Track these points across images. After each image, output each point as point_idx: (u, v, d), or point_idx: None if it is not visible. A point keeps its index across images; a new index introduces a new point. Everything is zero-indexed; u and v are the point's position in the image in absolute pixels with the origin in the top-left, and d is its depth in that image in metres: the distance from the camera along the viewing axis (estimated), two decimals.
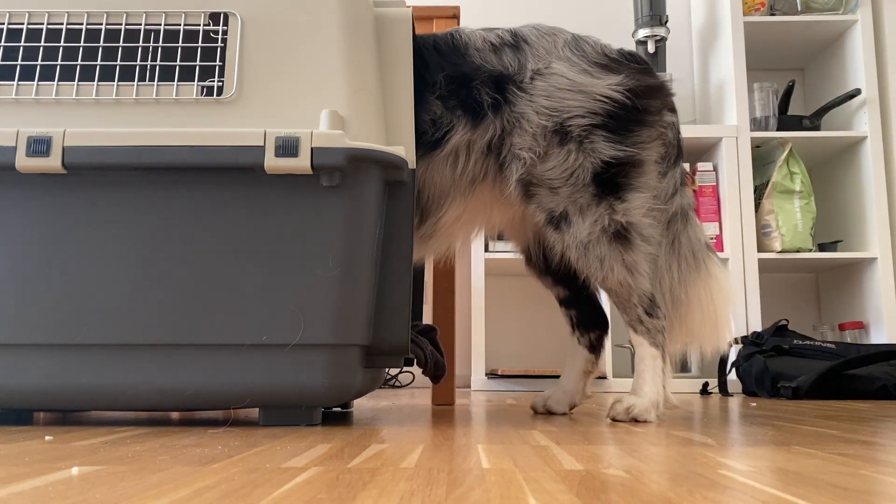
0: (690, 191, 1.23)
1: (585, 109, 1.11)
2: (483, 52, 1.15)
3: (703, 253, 1.19)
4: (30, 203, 0.98)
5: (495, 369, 2.47)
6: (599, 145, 1.10)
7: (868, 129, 2.38)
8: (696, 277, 1.17)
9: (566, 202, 1.11)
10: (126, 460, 0.64)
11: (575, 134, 1.10)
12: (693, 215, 1.21)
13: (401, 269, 1.05)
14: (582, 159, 1.10)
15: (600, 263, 1.10)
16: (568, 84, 1.12)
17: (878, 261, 2.32)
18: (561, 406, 1.26)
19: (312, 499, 0.46)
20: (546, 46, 1.15)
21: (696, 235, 1.19)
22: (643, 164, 1.12)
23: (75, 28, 1.05)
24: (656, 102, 1.15)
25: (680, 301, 1.17)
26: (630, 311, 1.12)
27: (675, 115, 1.21)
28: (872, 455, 0.69)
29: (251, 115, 1.01)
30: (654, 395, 1.08)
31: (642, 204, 1.12)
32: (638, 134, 1.12)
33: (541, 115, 1.11)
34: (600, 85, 1.11)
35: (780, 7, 2.52)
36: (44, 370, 0.96)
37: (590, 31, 2.91)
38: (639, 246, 1.11)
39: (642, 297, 1.11)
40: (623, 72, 1.13)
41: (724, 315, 1.16)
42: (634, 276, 1.11)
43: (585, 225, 1.10)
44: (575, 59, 1.14)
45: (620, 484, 0.52)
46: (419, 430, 0.93)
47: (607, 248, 1.10)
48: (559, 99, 1.11)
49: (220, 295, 0.97)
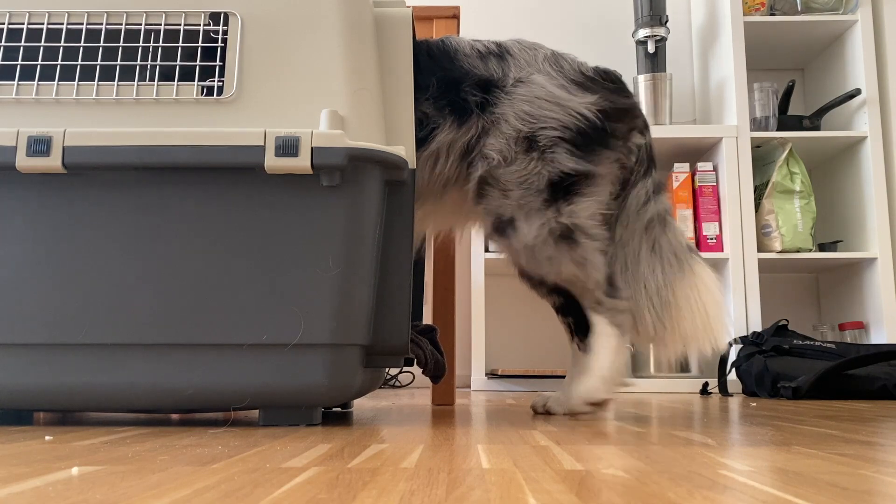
0: (667, 198, 1.25)
1: (559, 122, 1.13)
2: (471, 58, 1.19)
3: (686, 254, 1.19)
4: (30, 203, 0.98)
5: (495, 369, 2.47)
6: (561, 157, 1.13)
7: (868, 129, 2.38)
8: (682, 278, 1.17)
9: (514, 207, 1.13)
10: (126, 460, 0.64)
11: (542, 144, 1.13)
12: (671, 220, 1.22)
13: (401, 270, 1.05)
14: (540, 167, 1.13)
15: (550, 262, 1.13)
16: (546, 95, 1.15)
17: (878, 261, 2.32)
18: (562, 407, 1.26)
19: (312, 499, 0.46)
20: (527, 59, 1.19)
21: (675, 238, 1.20)
22: (596, 177, 1.15)
23: (75, 28, 1.05)
24: (624, 127, 1.18)
25: (669, 303, 1.16)
26: (588, 296, 1.14)
27: (647, 135, 1.24)
28: (872, 455, 0.69)
29: (251, 114, 1.01)
30: (605, 372, 1.11)
31: (588, 208, 1.14)
32: (599, 153, 1.15)
33: (520, 120, 1.14)
34: (575, 101, 1.15)
35: (780, 7, 2.52)
36: (44, 370, 0.96)
37: (590, 31, 2.93)
38: (585, 243, 1.13)
39: (599, 283, 1.13)
40: (598, 92, 1.17)
41: (716, 313, 1.16)
42: (586, 269, 1.13)
43: (532, 228, 1.12)
44: (553, 74, 1.17)
45: (620, 484, 0.52)
46: (419, 430, 0.93)
47: (554, 248, 1.12)
48: (538, 107, 1.14)
49: (220, 295, 0.97)
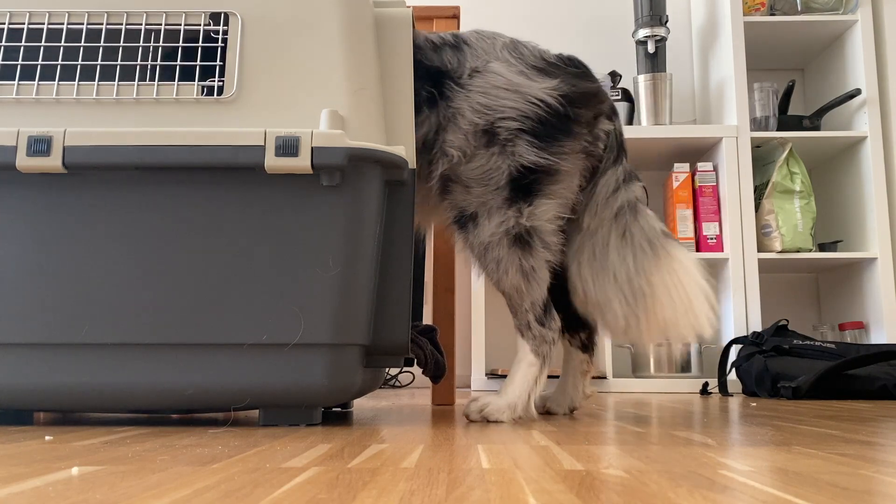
0: (639, 186, 1.19)
1: (518, 111, 1.10)
2: (423, 51, 1.16)
3: (661, 239, 1.13)
4: (30, 203, 0.98)
5: (495, 369, 2.47)
6: (522, 149, 1.09)
7: (868, 129, 2.38)
8: (657, 264, 1.11)
9: (477, 203, 1.11)
10: (126, 460, 0.64)
11: (502, 136, 1.10)
12: (643, 207, 1.17)
13: (401, 269, 1.05)
14: (501, 161, 1.10)
15: (497, 265, 1.10)
16: (504, 83, 1.12)
17: (878, 261, 2.32)
18: (561, 407, 1.26)
19: (312, 499, 0.46)
20: (485, 47, 1.16)
21: (649, 224, 1.15)
22: (559, 174, 1.11)
23: (76, 28, 1.05)
24: (589, 112, 1.14)
25: (643, 293, 1.10)
26: (521, 315, 1.11)
27: (615, 120, 1.20)
28: (872, 455, 0.69)
29: (251, 114, 1.01)
30: (513, 398, 1.09)
31: (549, 210, 1.11)
32: (562, 144, 1.11)
33: (476, 113, 1.11)
34: (535, 87, 1.11)
35: (780, 7, 2.52)
36: (44, 370, 0.96)
37: (590, 32, 2.93)
38: (539, 252, 1.10)
39: (535, 304, 1.10)
40: (559, 76, 1.13)
41: (698, 297, 1.09)
42: (530, 282, 1.10)
43: (490, 226, 1.10)
44: (513, 61, 1.14)
45: (620, 484, 0.52)
46: (419, 430, 0.93)
47: (506, 251, 1.10)
48: (494, 97, 1.11)
49: (221, 294, 0.97)
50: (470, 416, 1.09)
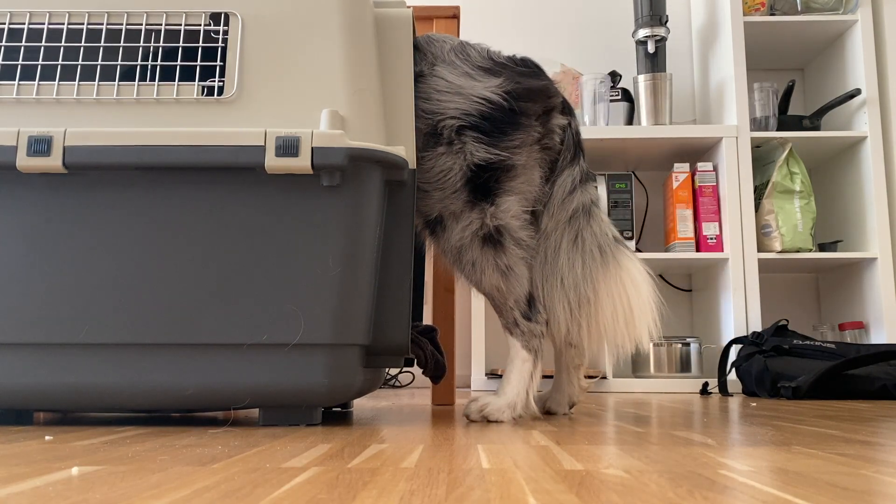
0: (595, 188, 1.19)
1: (461, 111, 1.10)
2: None
3: (612, 247, 1.13)
4: (30, 203, 0.98)
5: (495, 369, 2.47)
6: (471, 146, 1.09)
7: (868, 129, 2.38)
8: (605, 272, 1.11)
9: (439, 206, 1.11)
10: (126, 460, 0.64)
11: (446, 135, 1.10)
12: (597, 211, 1.17)
13: (401, 269, 1.05)
14: (451, 162, 1.10)
15: (473, 267, 1.10)
16: (446, 86, 1.12)
17: (878, 261, 2.32)
18: (561, 406, 1.26)
19: (312, 499, 0.46)
20: (433, 52, 1.16)
21: (601, 230, 1.15)
22: (515, 169, 1.11)
23: (76, 28, 1.05)
24: (537, 106, 1.14)
25: (587, 300, 1.10)
26: (506, 314, 1.11)
27: (570, 116, 1.19)
28: (872, 455, 0.69)
29: (252, 114, 1.01)
30: (512, 397, 1.09)
31: (511, 206, 1.10)
32: (511, 138, 1.10)
33: (418, 118, 1.11)
34: (479, 87, 1.11)
35: (780, 7, 2.52)
36: (44, 370, 0.96)
37: (590, 32, 2.93)
38: (511, 250, 1.10)
39: (518, 301, 1.10)
40: (504, 74, 1.13)
41: (640, 308, 1.10)
42: (509, 280, 1.10)
43: (458, 229, 1.10)
44: (458, 63, 1.14)
45: (620, 484, 0.52)
46: (419, 430, 0.93)
47: (479, 252, 1.09)
48: (436, 101, 1.11)
49: (221, 294, 0.97)
50: (470, 416, 1.09)
